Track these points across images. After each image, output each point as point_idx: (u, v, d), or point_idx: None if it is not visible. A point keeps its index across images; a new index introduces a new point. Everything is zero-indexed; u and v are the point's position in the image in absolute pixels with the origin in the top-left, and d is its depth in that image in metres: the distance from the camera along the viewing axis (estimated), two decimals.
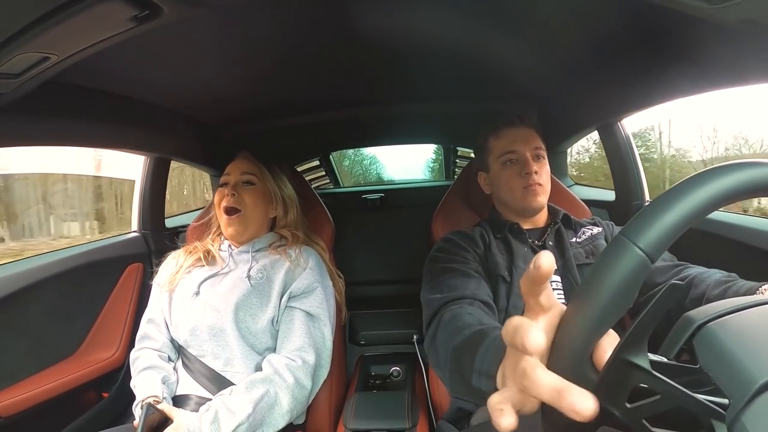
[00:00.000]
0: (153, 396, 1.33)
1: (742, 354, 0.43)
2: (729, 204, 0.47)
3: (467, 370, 0.72)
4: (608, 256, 0.44)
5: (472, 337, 0.82)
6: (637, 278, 0.43)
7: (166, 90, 1.54)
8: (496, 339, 0.71)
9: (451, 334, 0.94)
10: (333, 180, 3.95)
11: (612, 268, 0.43)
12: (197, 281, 1.50)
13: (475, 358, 0.70)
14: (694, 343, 0.47)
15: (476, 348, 0.72)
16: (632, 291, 0.43)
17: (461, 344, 0.85)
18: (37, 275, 1.53)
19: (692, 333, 0.47)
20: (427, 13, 1.13)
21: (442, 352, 0.94)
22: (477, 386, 0.68)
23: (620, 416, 0.43)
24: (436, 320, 1.07)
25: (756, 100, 1.73)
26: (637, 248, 0.43)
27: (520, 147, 1.37)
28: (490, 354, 0.67)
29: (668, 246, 0.44)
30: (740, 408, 0.39)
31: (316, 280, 1.53)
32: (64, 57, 0.89)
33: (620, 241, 0.44)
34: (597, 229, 1.42)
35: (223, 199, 1.54)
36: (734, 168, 0.46)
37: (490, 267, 1.30)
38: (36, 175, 4.19)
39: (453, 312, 1.06)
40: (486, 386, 0.64)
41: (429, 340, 1.07)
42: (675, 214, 0.44)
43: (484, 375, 0.66)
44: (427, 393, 1.64)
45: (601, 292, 0.42)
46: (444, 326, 1.02)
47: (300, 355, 1.41)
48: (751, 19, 0.82)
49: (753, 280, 0.99)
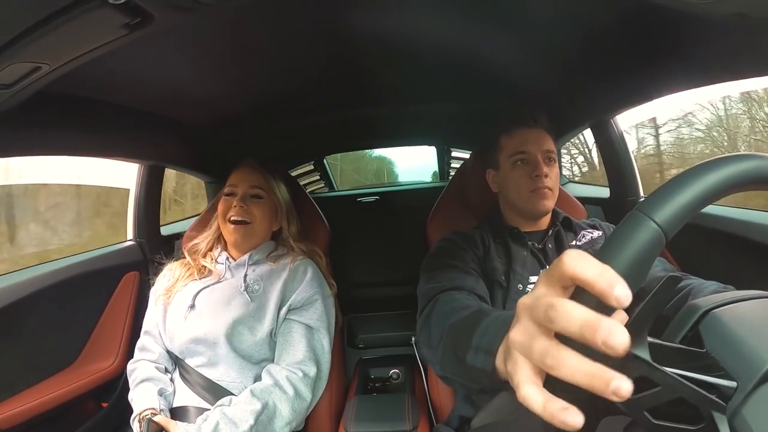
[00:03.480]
0: (150, 409, 1.33)
1: (749, 338, 0.43)
2: (742, 191, 0.47)
3: (463, 347, 0.71)
4: (624, 229, 0.44)
5: (472, 316, 0.82)
6: (651, 253, 0.43)
7: (157, 97, 1.53)
8: (499, 317, 0.70)
9: (449, 313, 0.94)
10: (327, 184, 3.94)
11: (627, 241, 0.43)
12: (192, 293, 1.50)
13: (474, 335, 0.69)
14: (700, 329, 0.47)
15: (475, 325, 0.71)
16: (646, 265, 0.43)
17: (459, 322, 0.85)
18: (33, 286, 1.52)
19: (698, 319, 0.47)
20: (418, 13, 1.13)
21: (436, 330, 0.94)
22: (471, 364, 0.67)
23: (621, 408, 0.43)
24: (432, 303, 1.07)
25: None
26: (653, 222, 0.43)
27: (532, 148, 1.36)
28: (492, 330, 0.66)
29: (683, 224, 0.44)
30: (749, 390, 0.39)
31: (316, 292, 1.53)
32: (56, 66, 0.89)
33: (636, 215, 0.44)
34: (597, 232, 1.42)
35: (230, 210, 1.53)
36: (752, 157, 0.46)
37: (488, 271, 1.30)
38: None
39: (451, 295, 1.07)
40: (482, 363, 0.64)
41: (422, 320, 1.06)
42: (691, 192, 0.44)
43: (482, 351, 0.65)
44: (426, 395, 1.64)
45: (615, 265, 0.41)
46: (440, 306, 1.02)
47: (301, 368, 1.41)
48: (741, 13, 0.82)
49: (750, 275, 0.99)
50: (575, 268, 0.39)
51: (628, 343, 0.34)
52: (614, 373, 0.36)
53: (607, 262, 0.41)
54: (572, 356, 0.38)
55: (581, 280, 0.39)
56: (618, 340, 0.34)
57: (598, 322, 0.35)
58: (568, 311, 0.38)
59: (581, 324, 0.36)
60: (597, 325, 0.35)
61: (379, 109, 2.05)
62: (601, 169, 2.02)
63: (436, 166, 4.01)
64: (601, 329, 0.35)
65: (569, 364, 0.38)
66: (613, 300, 0.36)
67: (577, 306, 0.38)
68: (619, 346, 0.34)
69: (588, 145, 3.76)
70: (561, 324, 0.38)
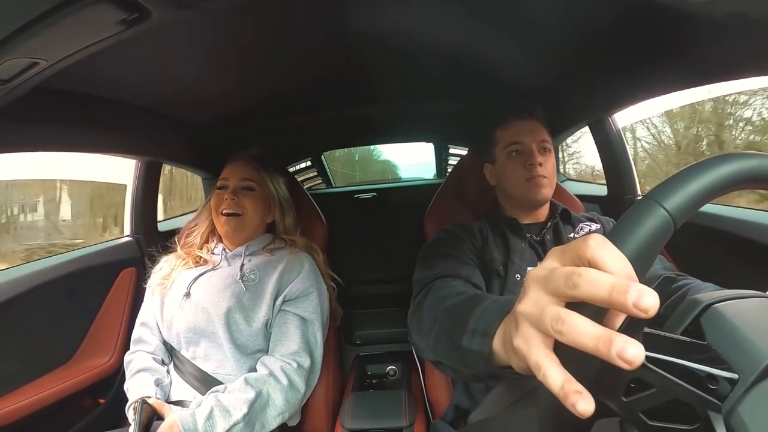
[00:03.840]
0: (146, 397, 1.33)
1: (752, 333, 0.43)
2: (749, 188, 0.49)
3: (459, 331, 0.71)
4: (633, 214, 0.44)
5: (468, 299, 0.81)
6: (660, 239, 0.43)
7: (155, 93, 1.53)
8: (498, 300, 0.70)
9: (444, 298, 0.94)
10: (325, 180, 3.94)
11: (636, 225, 0.43)
12: (187, 281, 1.50)
13: (471, 318, 0.69)
14: (702, 322, 0.47)
15: (473, 308, 0.71)
16: (653, 252, 0.43)
17: (455, 305, 0.85)
18: (30, 282, 1.52)
19: (699, 312, 0.48)
20: (417, 11, 1.13)
21: (429, 315, 0.93)
22: (467, 347, 0.67)
23: (617, 410, 0.43)
24: (426, 289, 1.06)
25: None
26: (663, 209, 0.43)
27: (526, 138, 1.38)
28: (490, 313, 0.66)
29: (692, 213, 0.45)
30: (750, 383, 0.40)
31: (311, 285, 1.54)
32: (53, 62, 0.88)
33: (646, 201, 0.45)
34: (595, 225, 1.43)
35: (222, 203, 1.54)
36: (761, 156, 0.47)
37: (486, 262, 1.31)
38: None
39: (446, 282, 1.06)
40: (479, 346, 0.63)
41: (414, 305, 1.06)
42: (701, 183, 0.45)
43: (479, 334, 0.65)
44: (423, 391, 1.64)
45: (623, 248, 0.41)
46: (435, 291, 1.02)
47: (295, 359, 1.42)
48: (740, 13, 0.83)
49: (747, 273, 0.99)
50: (600, 255, 0.39)
51: (658, 304, 0.35)
52: (621, 336, 0.36)
53: (616, 246, 0.41)
54: (581, 319, 0.38)
55: (602, 269, 0.39)
56: (649, 302, 0.34)
57: (628, 285, 0.35)
58: (595, 276, 0.38)
59: (611, 287, 0.36)
60: (627, 288, 0.35)
61: (378, 107, 2.05)
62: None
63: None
64: (632, 291, 0.35)
65: (577, 328, 0.38)
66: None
67: (602, 273, 0.38)
68: (650, 307, 0.34)
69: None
70: (587, 288, 0.38)
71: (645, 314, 0.35)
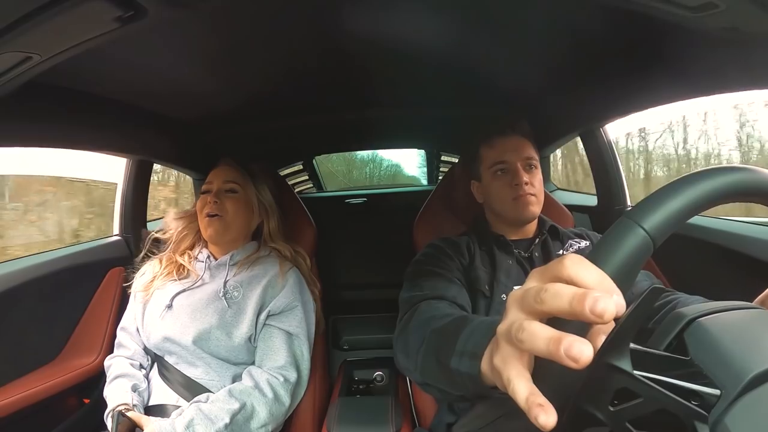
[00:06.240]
0: (123, 404, 1.33)
1: (734, 347, 0.43)
2: (729, 202, 0.49)
3: (446, 352, 0.71)
4: (612, 235, 0.45)
5: (455, 321, 0.81)
6: (639, 259, 0.44)
7: (148, 93, 1.53)
8: (484, 321, 0.70)
9: (430, 320, 0.93)
10: (316, 184, 3.94)
11: (616, 247, 0.44)
12: (170, 294, 1.50)
13: (458, 340, 0.69)
14: (685, 336, 0.47)
15: (459, 330, 0.71)
16: (633, 272, 0.43)
17: (442, 327, 0.84)
18: (17, 279, 1.50)
19: (683, 327, 0.48)
20: (411, 18, 1.14)
21: (416, 337, 0.92)
22: (456, 368, 0.67)
23: (603, 419, 0.43)
24: (412, 311, 1.05)
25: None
26: (642, 229, 0.44)
27: (511, 157, 1.37)
28: (478, 333, 0.66)
29: (671, 232, 0.45)
30: (733, 398, 0.40)
31: (296, 299, 1.54)
32: (47, 57, 0.88)
33: (625, 222, 0.45)
34: (584, 242, 1.42)
35: (206, 206, 1.54)
36: (740, 170, 0.48)
37: (472, 281, 1.29)
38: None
39: (431, 305, 1.06)
40: (467, 367, 0.63)
41: (400, 328, 1.05)
42: (679, 201, 0.45)
43: (467, 355, 0.65)
44: (410, 398, 1.64)
45: (603, 269, 0.42)
46: (421, 313, 1.01)
47: (282, 372, 1.42)
48: (733, 28, 0.83)
49: (734, 285, 1.00)
50: (576, 272, 0.40)
51: (614, 309, 0.36)
52: (570, 336, 0.36)
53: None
54: (538, 326, 0.39)
55: (580, 285, 0.40)
56: (601, 306, 0.35)
57: (586, 293, 0.36)
58: (558, 290, 0.39)
59: (571, 297, 0.37)
60: (585, 296, 0.36)
61: (370, 112, 2.05)
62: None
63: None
64: (589, 298, 0.36)
65: (533, 333, 0.39)
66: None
67: (566, 286, 0.39)
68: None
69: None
70: (551, 302, 0.39)
71: (600, 319, 0.36)
